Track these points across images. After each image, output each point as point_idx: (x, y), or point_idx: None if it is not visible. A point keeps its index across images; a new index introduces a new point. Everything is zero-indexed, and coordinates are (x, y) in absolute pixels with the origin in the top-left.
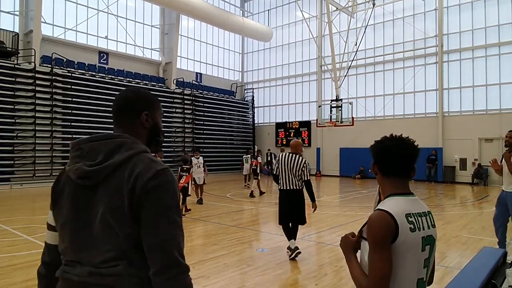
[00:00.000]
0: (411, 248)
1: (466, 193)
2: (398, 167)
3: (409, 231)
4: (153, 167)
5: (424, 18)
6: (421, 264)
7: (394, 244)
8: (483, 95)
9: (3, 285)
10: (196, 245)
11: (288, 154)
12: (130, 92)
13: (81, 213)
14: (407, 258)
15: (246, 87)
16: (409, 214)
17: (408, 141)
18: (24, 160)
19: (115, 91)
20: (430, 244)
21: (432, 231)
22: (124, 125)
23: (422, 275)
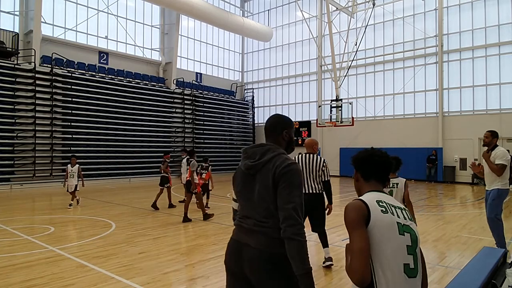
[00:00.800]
0: (386, 227)
1: (466, 193)
2: (378, 173)
3: (380, 212)
4: (286, 162)
5: (424, 18)
6: (404, 249)
7: (369, 225)
8: (483, 95)
9: (3, 285)
10: (196, 245)
11: (305, 155)
12: (277, 117)
13: (247, 189)
14: (385, 238)
15: (246, 87)
16: (380, 201)
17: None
18: (24, 160)
19: (115, 91)
20: (410, 233)
21: (411, 224)
22: (272, 138)
23: (408, 261)
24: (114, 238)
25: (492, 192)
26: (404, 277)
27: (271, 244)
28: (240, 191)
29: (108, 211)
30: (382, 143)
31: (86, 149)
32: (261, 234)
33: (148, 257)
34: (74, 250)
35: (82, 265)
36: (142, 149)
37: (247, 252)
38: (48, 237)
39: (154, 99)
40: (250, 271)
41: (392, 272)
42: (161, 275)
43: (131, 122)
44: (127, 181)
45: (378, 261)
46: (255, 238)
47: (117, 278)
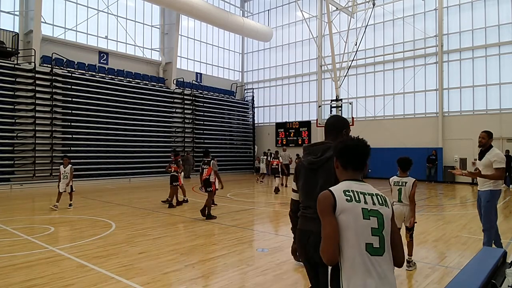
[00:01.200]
0: (350, 214)
1: (466, 193)
2: (354, 162)
3: (345, 201)
4: None
5: (424, 18)
6: (368, 230)
7: (336, 213)
8: (483, 95)
9: (3, 285)
10: (196, 245)
11: None
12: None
13: (310, 182)
14: (350, 223)
15: (246, 87)
16: (347, 190)
17: (362, 142)
18: (24, 160)
19: (115, 91)
20: (377, 217)
21: (380, 208)
22: (332, 136)
23: (371, 241)
24: (114, 238)
25: (485, 193)
26: (366, 254)
27: None
28: (303, 184)
29: (108, 211)
30: (382, 143)
31: (86, 149)
32: None
33: (148, 257)
34: (74, 250)
35: (82, 265)
36: (142, 149)
37: (313, 238)
38: (48, 237)
39: (154, 99)
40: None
41: (354, 250)
42: (161, 275)
43: (131, 122)
44: (127, 181)
45: (344, 241)
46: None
47: (117, 278)
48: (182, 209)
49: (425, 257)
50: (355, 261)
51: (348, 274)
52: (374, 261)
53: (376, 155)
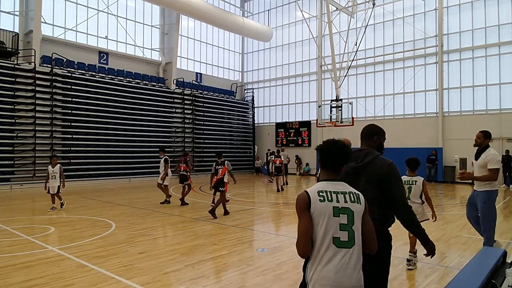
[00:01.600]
0: (322, 213)
1: (466, 193)
2: (330, 163)
3: (318, 201)
4: (386, 163)
5: (424, 18)
6: (337, 226)
7: (311, 211)
8: (483, 95)
9: (3, 285)
10: (196, 245)
11: None
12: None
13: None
14: (321, 220)
15: (246, 87)
16: (321, 191)
17: (338, 144)
18: (24, 160)
19: (115, 91)
20: (347, 213)
21: (351, 205)
22: (368, 143)
23: (338, 235)
24: (114, 238)
25: (481, 194)
26: (333, 247)
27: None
28: None
29: (108, 211)
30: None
31: (86, 149)
32: None
33: (148, 257)
34: (74, 250)
35: (82, 265)
36: (142, 149)
37: None
38: (48, 237)
39: (154, 99)
40: None
41: (322, 243)
42: (161, 275)
43: (131, 122)
44: (127, 181)
45: (315, 236)
46: None
47: (117, 278)
48: (182, 209)
49: (425, 257)
50: (321, 252)
51: (314, 263)
52: (340, 253)
53: None
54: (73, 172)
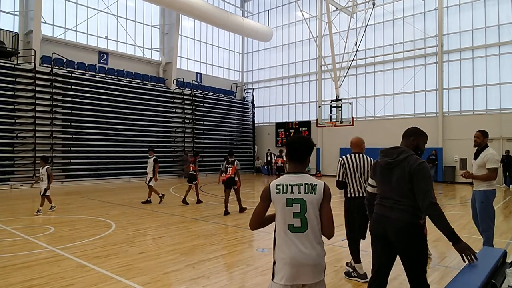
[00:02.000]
0: (278, 203)
1: (466, 193)
2: (292, 156)
3: (275, 193)
4: (417, 161)
5: (424, 18)
6: (290, 214)
7: (272, 200)
8: (483, 95)
9: (3, 285)
10: (196, 245)
11: (353, 155)
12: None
13: (386, 179)
14: (279, 209)
15: (246, 87)
16: (279, 184)
17: (301, 139)
18: (24, 160)
19: (115, 91)
20: (300, 203)
21: (304, 195)
22: (406, 142)
23: (292, 222)
24: (114, 238)
25: (479, 194)
26: (288, 232)
27: (406, 216)
28: (380, 180)
29: (108, 211)
30: (382, 143)
31: (86, 149)
32: (399, 211)
33: (148, 257)
34: (74, 250)
35: (82, 265)
36: (142, 149)
37: (390, 222)
38: (48, 237)
39: (154, 99)
40: (394, 235)
41: (280, 229)
42: (161, 275)
43: (131, 122)
44: (127, 181)
45: (277, 222)
46: (395, 212)
47: (117, 278)
48: (182, 209)
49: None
50: (281, 236)
51: (277, 245)
52: (294, 237)
53: (376, 155)
54: (73, 172)
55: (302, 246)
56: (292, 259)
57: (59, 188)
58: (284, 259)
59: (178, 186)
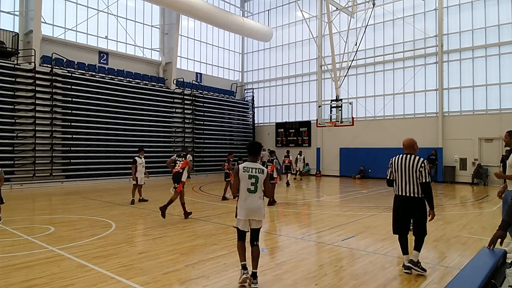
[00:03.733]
0: (243, 177)
1: (466, 193)
2: (251, 152)
3: (242, 171)
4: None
5: (424, 18)
6: (249, 183)
7: (239, 176)
8: (483, 95)
9: (3, 285)
10: (196, 245)
11: (403, 156)
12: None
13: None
14: (243, 180)
15: (246, 87)
16: (244, 167)
17: (255, 143)
18: (24, 160)
19: (115, 91)
20: (254, 178)
21: (257, 174)
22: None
23: (249, 187)
24: (114, 238)
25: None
26: (246, 192)
27: None
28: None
29: (108, 211)
30: (382, 143)
31: (86, 149)
32: None
33: (148, 257)
34: (74, 250)
35: (82, 265)
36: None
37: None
38: (48, 237)
39: (154, 99)
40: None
41: (242, 191)
42: (161, 275)
43: (131, 122)
44: (127, 181)
45: (241, 188)
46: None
47: (117, 278)
48: (182, 208)
49: (425, 257)
50: (242, 194)
51: (240, 199)
52: (249, 195)
53: (376, 154)
54: (73, 172)
55: (253, 200)
56: (247, 206)
57: (59, 188)
58: (242, 206)
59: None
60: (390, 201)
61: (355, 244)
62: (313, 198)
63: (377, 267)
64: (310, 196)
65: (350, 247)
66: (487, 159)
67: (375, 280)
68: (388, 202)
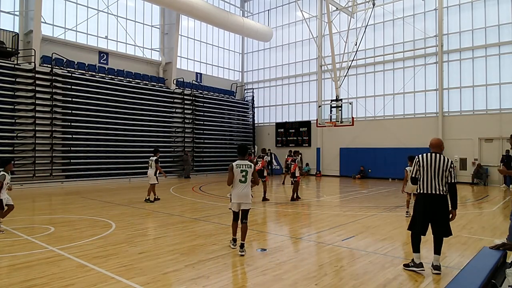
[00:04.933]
0: (236, 172)
1: (466, 193)
2: (240, 153)
3: (235, 168)
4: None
5: (424, 18)
6: (241, 175)
7: (234, 171)
8: (483, 95)
9: (3, 285)
10: (196, 245)
11: (431, 155)
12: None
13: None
14: (237, 174)
15: (246, 87)
16: (237, 164)
17: (243, 146)
18: (24, 160)
19: (115, 91)
20: (245, 171)
21: (246, 168)
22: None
23: (241, 179)
24: (114, 238)
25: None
26: (239, 182)
27: None
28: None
29: (108, 211)
30: (382, 143)
31: (86, 149)
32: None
33: (148, 257)
34: (74, 250)
35: (82, 265)
36: (142, 149)
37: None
38: (48, 237)
39: (154, 99)
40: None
41: (236, 181)
42: (161, 275)
43: (131, 122)
44: (127, 181)
45: (234, 179)
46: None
47: (117, 278)
48: (182, 209)
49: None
50: (236, 184)
51: (234, 187)
52: (241, 185)
53: (376, 155)
54: (73, 172)
55: (243, 188)
56: (239, 193)
57: (59, 188)
58: (236, 192)
59: (178, 186)
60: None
61: (355, 244)
62: (313, 198)
63: (377, 267)
64: (310, 196)
65: (350, 247)
66: (487, 159)
67: (375, 280)
68: (388, 202)
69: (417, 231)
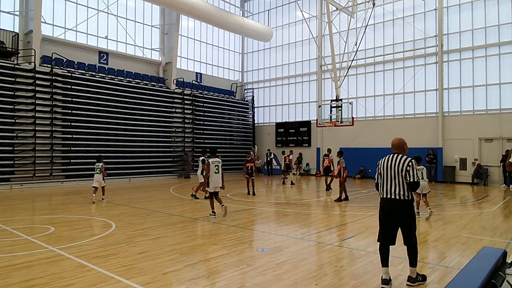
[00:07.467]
0: (212, 166)
1: (466, 193)
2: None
3: (211, 164)
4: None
5: (424, 18)
6: (215, 168)
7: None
8: (483, 95)
9: (3, 285)
10: (196, 245)
11: (389, 156)
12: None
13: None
14: (213, 167)
15: (246, 87)
16: (213, 161)
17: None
18: (24, 160)
19: (115, 91)
20: (218, 165)
21: (219, 164)
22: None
23: (216, 170)
24: (114, 238)
25: None
26: (214, 173)
27: None
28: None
29: (108, 211)
30: (382, 143)
31: (86, 149)
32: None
33: (148, 257)
34: (74, 250)
35: (82, 265)
36: (142, 149)
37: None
38: (48, 237)
39: (154, 99)
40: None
41: (211, 172)
42: (161, 275)
43: (131, 122)
44: (127, 181)
45: (210, 171)
46: None
47: (117, 278)
48: (182, 209)
49: (425, 257)
50: (212, 175)
51: (210, 177)
52: (215, 175)
53: (376, 155)
54: (73, 172)
55: (217, 177)
56: (215, 180)
57: (59, 188)
58: (212, 180)
59: (178, 186)
60: None
61: (355, 244)
62: (313, 198)
63: (377, 267)
64: (310, 196)
65: (350, 247)
66: (487, 159)
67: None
68: None
69: (379, 240)
